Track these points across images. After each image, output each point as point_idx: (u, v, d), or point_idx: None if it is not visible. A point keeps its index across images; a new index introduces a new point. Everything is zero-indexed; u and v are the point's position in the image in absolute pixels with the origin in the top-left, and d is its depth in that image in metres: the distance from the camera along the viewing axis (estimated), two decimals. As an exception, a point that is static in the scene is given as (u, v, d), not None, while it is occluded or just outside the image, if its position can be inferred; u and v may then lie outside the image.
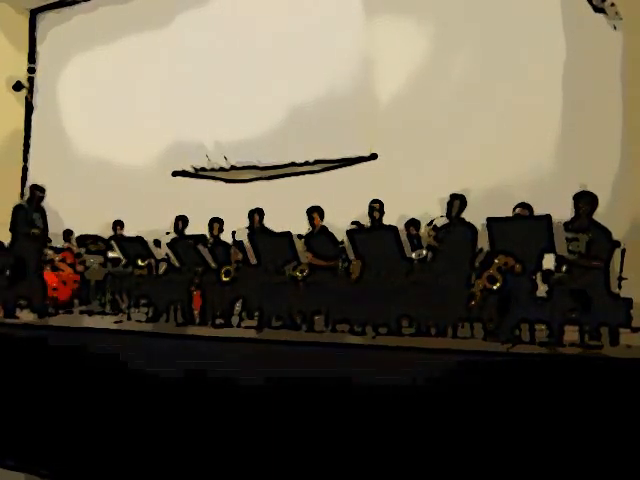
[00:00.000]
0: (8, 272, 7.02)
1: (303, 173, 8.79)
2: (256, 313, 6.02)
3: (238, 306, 6.34)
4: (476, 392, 3.72)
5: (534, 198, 5.42)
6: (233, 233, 6.58)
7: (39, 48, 11.82)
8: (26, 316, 6.78)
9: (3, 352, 5.50)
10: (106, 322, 6.33)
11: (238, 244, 6.30)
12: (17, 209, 6.89)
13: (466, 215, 5.59)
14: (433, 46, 8.12)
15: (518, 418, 3.58)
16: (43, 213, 6.97)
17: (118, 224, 8.43)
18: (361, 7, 8.63)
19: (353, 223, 6.55)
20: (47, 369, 5.18)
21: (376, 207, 6.11)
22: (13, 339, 5.60)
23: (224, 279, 6.00)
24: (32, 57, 11.80)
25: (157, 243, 6.82)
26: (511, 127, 7.18)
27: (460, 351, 4.23)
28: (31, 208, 6.88)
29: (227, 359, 4.59)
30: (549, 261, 4.48)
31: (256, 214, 6.67)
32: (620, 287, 4.87)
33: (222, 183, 9.53)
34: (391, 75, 8.24)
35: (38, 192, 6.97)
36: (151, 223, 7.53)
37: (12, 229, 6.85)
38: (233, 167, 9.42)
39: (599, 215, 4.82)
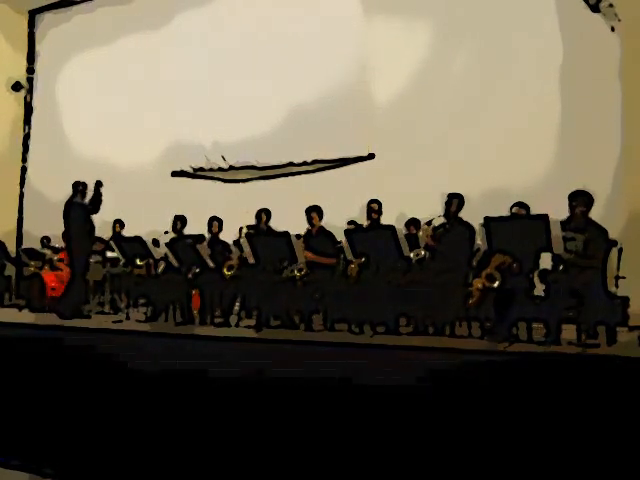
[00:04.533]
0: None
1: (301, 173, 8.80)
2: (254, 312, 6.03)
3: (237, 305, 6.34)
4: (474, 391, 3.73)
5: (531, 197, 5.43)
6: (240, 229, 6.60)
7: (38, 49, 11.81)
8: (26, 316, 6.79)
9: (4, 352, 5.51)
10: (105, 322, 6.35)
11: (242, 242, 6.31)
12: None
13: (464, 214, 5.60)
14: (431, 46, 8.12)
15: (516, 417, 3.58)
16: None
17: (117, 223, 8.45)
18: (359, 7, 8.64)
19: (350, 223, 6.57)
20: (47, 369, 5.18)
21: (374, 207, 6.13)
22: (14, 339, 5.61)
23: (227, 273, 5.99)
24: (31, 58, 11.79)
25: (156, 243, 6.84)
26: (509, 127, 7.19)
27: (458, 350, 4.24)
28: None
29: (226, 358, 4.60)
30: (546, 260, 4.50)
31: (264, 214, 6.69)
32: (617, 286, 4.89)
33: (221, 183, 9.54)
34: (389, 75, 8.25)
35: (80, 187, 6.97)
36: (150, 223, 7.53)
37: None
38: (232, 167, 9.43)
39: (597, 214, 4.83)
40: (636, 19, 6.68)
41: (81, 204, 6.89)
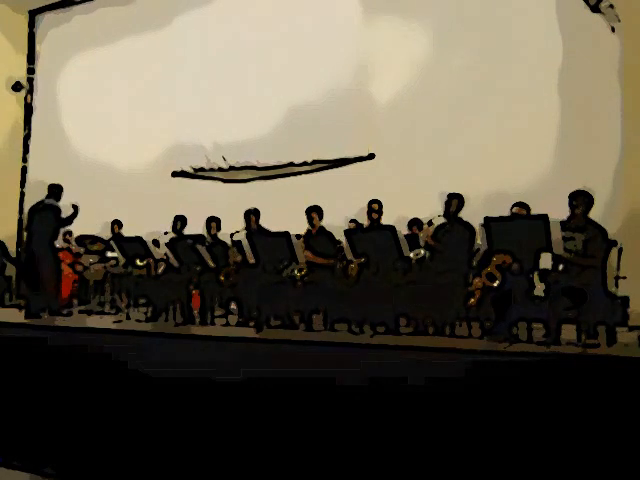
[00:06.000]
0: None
1: (301, 173, 8.80)
2: (254, 312, 6.03)
3: (234, 307, 6.36)
4: (473, 391, 3.73)
5: (531, 197, 5.44)
6: (232, 235, 6.59)
7: (38, 49, 11.79)
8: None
9: (4, 352, 5.51)
10: (105, 322, 6.35)
11: (237, 245, 6.32)
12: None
13: (464, 214, 5.61)
14: (430, 47, 8.12)
15: (515, 417, 3.59)
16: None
17: (116, 223, 8.45)
18: (358, 8, 8.64)
19: (351, 222, 6.57)
20: (47, 369, 5.18)
21: (375, 207, 6.13)
22: (13, 339, 5.61)
23: (224, 282, 6.03)
24: (31, 58, 11.77)
25: (156, 243, 6.84)
26: (509, 127, 7.19)
27: (458, 350, 4.25)
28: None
29: (226, 358, 4.60)
30: (546, 260, 4.50)
31: (252, 215, 6.70)
32: (617, 286, 4.89)
33: (221, 183, 9.54)
34: (389, 75, 8.25)
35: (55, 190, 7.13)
36: (150, 223, 7.53)
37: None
38: (232, 167, 9.43)
39: (597, 214, 4.83)
40: (636, 19, 6.68)
41: (52, 208, 6.94)
